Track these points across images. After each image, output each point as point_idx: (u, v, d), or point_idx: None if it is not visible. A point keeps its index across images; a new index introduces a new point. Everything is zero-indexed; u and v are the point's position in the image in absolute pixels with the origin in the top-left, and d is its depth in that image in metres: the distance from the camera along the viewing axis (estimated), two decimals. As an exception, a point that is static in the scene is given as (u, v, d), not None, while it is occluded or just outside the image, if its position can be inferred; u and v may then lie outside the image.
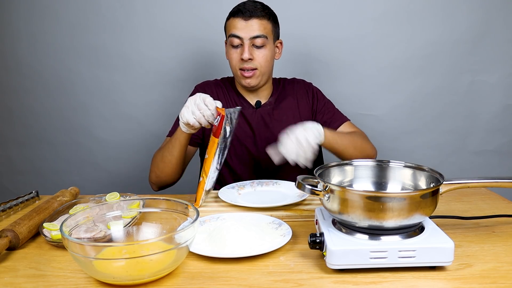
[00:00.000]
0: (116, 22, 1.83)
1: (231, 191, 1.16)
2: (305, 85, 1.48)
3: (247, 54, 1.27)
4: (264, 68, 1.33)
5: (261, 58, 1.31)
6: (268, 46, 1.32)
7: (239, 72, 1.32)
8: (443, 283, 0.70)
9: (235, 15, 1.29)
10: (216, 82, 1.46)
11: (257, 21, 1.28)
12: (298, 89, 1.46)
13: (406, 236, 0.75)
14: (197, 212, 0.76)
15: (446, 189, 0.80)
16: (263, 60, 1.31)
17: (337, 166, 0.91)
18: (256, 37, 1.28)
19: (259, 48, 1.30)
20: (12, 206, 1.10)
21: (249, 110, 1.40)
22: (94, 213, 0.84)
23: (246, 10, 1.28)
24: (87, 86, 1.89)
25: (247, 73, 1.31)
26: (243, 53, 1.28)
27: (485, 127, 1.91)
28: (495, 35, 1.82)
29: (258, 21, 1.28)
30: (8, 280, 0.74)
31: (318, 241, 0.74)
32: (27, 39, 1.85)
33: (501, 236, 0.88)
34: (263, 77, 1.35)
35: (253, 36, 1.28)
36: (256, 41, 1.28)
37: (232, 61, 1.32)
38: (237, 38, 1.28)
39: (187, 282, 0.71)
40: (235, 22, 1.29)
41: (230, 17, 1.32)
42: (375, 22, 1.81)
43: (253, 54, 1.29)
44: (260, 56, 1.31)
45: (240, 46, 1.30)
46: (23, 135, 1.95)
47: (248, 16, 1.27)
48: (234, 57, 1.31)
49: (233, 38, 1.29)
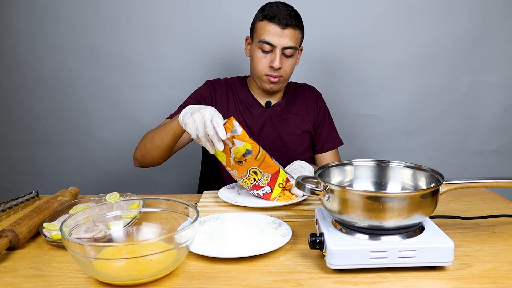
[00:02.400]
0: (116, 22, 1.83)
1: (231, 191, 1.16)
2: (315, 94, 1.49)
3: (278, 63, 1.26)
4: (288, 75, 1.34)
5: (287, 67, 1.31)
6: (295, 55, 1.32)
7: (265, 77, 1.31)
8: (443, 283, 0.70)
9: (271, 20, 1.25)
10: (227, 81, 1.45)
11: (291, 31, 1.26)
12: (309, 96, 1.47)
13: (406, 236, 0.75)
14: (197, 212, 0.76)
15: (446, 189, 0.80)
16: (289, 68, 1.32)
17: (337, 166, 0.91)
18: (288, 47, 1.27)
19: (288, 57, 1.29)
20: (12, 206, 1.10)
21: (258, 109, 1.40)
22: (94, 213, 0.84)
23: (283, 17, 1.24)
24: (87, 86, 1.89)
25: (273, 79, 1.30)
26: (274, 61, 1.27)
27: (486, 127, 1.91)
28: (495, 35, 1.82)
29: (293, 31, 1.26)
30: (8, 280, 0.74)
31: (318, 241, 0.74)
32: (27, 39, 1.85)
33: (501, 236, 0.88)
34: (285, 83, 1.37)
35: (286, 47, 1.26)
36: (287, 51, 1.27)
37: (259, 65, 1.30)
38: (269, 45, 1.26)
39: (187, 282, 0.71)
40: (270, 27, 1.25)
41: (263, 20, 1.27)
42: (375, 22, 1.81)
43: (282, 62, 1.28)
44: (287, 65, 1.30)
45: (270, 52, 1.28)
46: (23, 135, 1.95)
47: (285, 25, 1.24)
48: (262, 62, 1.29)
49: (265, 44, 1.26)
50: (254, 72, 1.34)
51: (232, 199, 1.07)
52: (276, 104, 1.41)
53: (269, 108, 1.40)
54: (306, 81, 1.90)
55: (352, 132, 1.89)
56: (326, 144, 1.47)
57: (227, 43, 1.84)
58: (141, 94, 1.90)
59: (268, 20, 1.25)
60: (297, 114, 1.43)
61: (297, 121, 1.42)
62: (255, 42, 1.31)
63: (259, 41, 1.27)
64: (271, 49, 1.27)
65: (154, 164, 1.28)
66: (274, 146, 1.40)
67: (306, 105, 1.45)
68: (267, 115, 1.40)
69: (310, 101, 1.46)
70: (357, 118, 1.90)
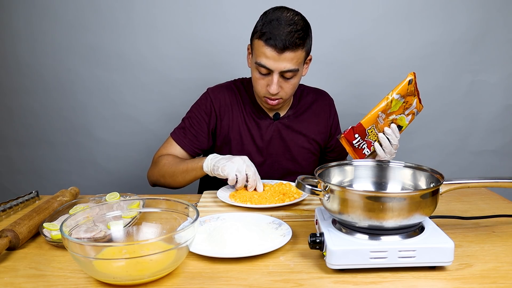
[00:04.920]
0: (115, 22, 1.83)
1: (231, 190, 1.16)
2: (327, 101, 1.42)
3: (275, 89, 1.18)
4: (289, 96, 1.25)
5: (288, 89, 1.22)
6: (297, 76, 1.22)
7: (263, 98, 1.25)
8: (443, 283, 0.70)
9: (267, 42, 1.13)
10: (229, 86, 1.37)
11: (290, 53, 1.14)
12: (321, 104, 1.40)
13: (406, 236, 0.75)
14: (197, 212, 0.76)
15: (446, 189, 0.80)
16: (290, 90, 1.23)
17: (337, 166, 0.91)
18: (287, 71, 1.17)
19: (288, 79, 1.20)
20: (12, 206, 1.10)
21: (266, 121, 1.34)
22: (94, 213, 0.84)
23: (280, 39, 1.12)
24: (86, 86, 1.89)
25: (272, 101, 1.24)
26: (271, 85, 1.18)
27: (486, 127, 1.91)
28: (495, 35, 1.82)
29: (292, 53, 1.14)
30: (8, 280, 0.74)
31: (318, 241, 0.74)
32: (27, 39, 1.85)
33: (501, 236, 0.88)
34: (287, 101, 1.32)
35: (284, 71, 1.17)
36: (287, 74, 1.18)
37: (257, 86, 1.23)
38: (266, 69, 1.17)
39: (187, 282, 0.71)
40: (265, 50, 1.14)
41: (260, 39, 1.15)
42: (375, 22, 1.81)
43: (281, 85, 1.20)
44: (287, 87, 1.21)
45: (268, 75, 1.19)
46: (23, 135, 1.95)
47: (282, 49, 1.12)
48: (260, 83, 1.21)
49: (261, 67, 1.17)
50: (254, 89, 1.28)
51: (229, 200, 1.08)
52: (285, 116, 1.35)
53: (278, 120, 1.34)
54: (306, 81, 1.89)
55: (352, 132, 1.90)
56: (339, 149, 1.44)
57: (227, 43, 1.84)
58: (141, 94, 1.90)
59: (264, 42, 1.14)
60: (308, 122, 1.37)
61: (308, 133, 1.36)
62: (253, 59, 1.21)
63: (255, 62, 1.18)
64: (268, 72, 1.18)
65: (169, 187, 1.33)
66: (282, 159, 1.36)
67: (318, 114, 1.38)
68: (275, 128, 1.34)
69: (322, 110, 1.39)
70: (357, 118, 1.87)
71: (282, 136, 1.35)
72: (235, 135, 1.34)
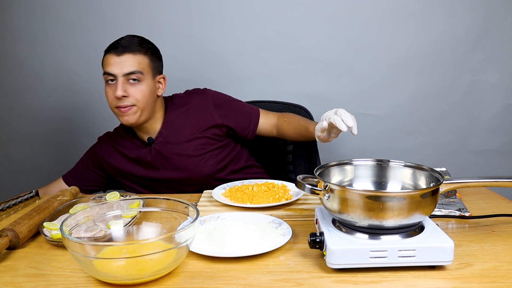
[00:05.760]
0: (116, 22, 1.82)
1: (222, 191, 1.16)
2: (198, 94, 1.40)
3: (121, 91, 1.21)
4: (142, 103, 1.25)
5: (137, 94, 1.24)
6: (145, 82, 1.25)
7: (116, 110, 1.26)
8: (443, 282, 0.70)
9: (108, 51, 1.24)
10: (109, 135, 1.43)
11: (130, 56, 1.22)
12: (190, 101, 1.38)
13: (406, 235, 0.75)
14: (197, 211, 0.76)
15: (446, 188, 0.80)
16: (140, 95, 1.24)
17: (337, 165, 0.91)
18: (130, 73, 1.22)
19: (134, 84, 1.23)
20: (12, 206, 1.10)
21: (143, 150, 1.34)
22: (94, 212, 0.84)
23: (119, 45, 1.23)
24: (87, 86, 1.89)
25: (123, 109, 1.24)
26: (115, 91, 1.21)
27: (486, 127, 1.91)
28: (496, 34, 1.82)
29: (132, 56, 1.22)
30: (8, 279, 0.74)
31: (318, 240, 0.74)
32: (28, 39, 1.85)
33: (501, 235, 0.88)
34: (142, 113, 1.27)
35: (127, 73, 1.21)
36: (132, 76, 1.22)
37: (108, 99, 1.26)
38: (110, 75, 1.22)
39: (187, 281, 0.71)
40: (108, 58, 1.23)
41: (104, 54, 1.26)
42: (375, 21, 1.81)
43: (127, 90, 1.22)
44: (137, 92, 1.24)
45: (114, 83, 1.23)
46: (23, 135, 1.95)
47: (121, 52, 1.22)
48: (109, 95, 1.24)
49: (106, 75, 1.23)
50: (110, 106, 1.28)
51: (225, 200, 1.08)
52: (158, 135, 1.34)
53: (153, 143, 1.33)
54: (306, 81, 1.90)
55: (352, 131, 1.90)
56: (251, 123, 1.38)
57: (227, 43, 1.84)
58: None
59: (106, 52, 1.25)
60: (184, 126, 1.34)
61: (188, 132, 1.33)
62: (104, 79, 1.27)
63: (103, 74, 1.25)
64: (114, 79, 1.22)
65: None
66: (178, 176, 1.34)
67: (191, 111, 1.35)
68: (153, 152, 1.33)
69: (194, 104, 1.36)
70: (357, 118, 1.87)
71: (164, 155, 1.33)
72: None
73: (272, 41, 1.83)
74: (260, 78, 1.86)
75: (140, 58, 1.24)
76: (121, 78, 1.22)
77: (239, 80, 1.87)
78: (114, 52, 1.22)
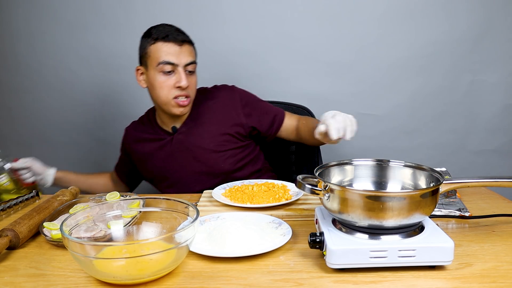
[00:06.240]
0: (115, 22, 1.83)
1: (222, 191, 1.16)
2: (227, 90, 1.39)
3: (185, 82, 1.21)
4: (193, 94, 1.29)
5: (193, 85, 1.27)
6: (195, 73, 1.28)
7: (173, 101, 1.24)
8: (443, 282, 0.70)
9: (165, 40, 1.21)
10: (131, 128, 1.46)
11: (188, 46, 1.24)
12: (218, 96, 1.37)
13: (406, 235, 0.75)
14: (197, 211, 0.76)
15: (446, 188, 0.80)
16: (194, 86, 1.28)
17: (337, 165, 0.91)
18: (189, 64, 1.23)
19: (191, 74, 1.25)
20: (12, 206, 1.10)
21: (165, 140, 1.35)
22: (94, 212, 0.84)
23: (176, 34, 1.22)
24: (86, 86, 1.89)
25: (183, 101, 1.24)
26: (180, 81, 1.21)
27: (486, 127, 1.91)
28: (496, 34, 1.82)
29: (189, 46, 1.24)
30: (8, 279, 0.74)
31: (318, 240, 0.75)
32: (27, 39, 1.85)
33: (501, 235, 0.88)
34: (191, 103, 1.31)
35: (187, 63, 1.23)
36: (190, 67, 1.24)
37: (163, 90, 1.23)
38: (170, 65, 1.21)
39: (187, 281, 0.71)
40: (166, 47, 1.21)
41: (156, 42, 1.22)
42: (376, 21, 1.81)
43: (188, 80, 1.23)
44: (193, 83, 1.27)
45: (172, 73, 1.22)
46: (23, 135, 1.95)
47: (182, 42, 1.22)
48: (167, 85, 1.23)
49: (165, 65, 1.21)
50: (159, 99, 1.27)
51: (225, 200, 1.08)
52: (182, 125, 1.34)
53: (176, 133, 1.34)
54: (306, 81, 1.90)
55: (352, 131, 1.90)
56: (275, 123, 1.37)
57: (227, 43, 1.84)
58: (141, 94, 1.90)
59: (162, 41, 1.21)
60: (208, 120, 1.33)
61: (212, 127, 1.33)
62: (152, 68, 1.24)
63: (158, 63, 1.21)
64: (173, 69, 1.22)
65: None
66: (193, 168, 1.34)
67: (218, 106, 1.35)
68: (176, 141, 1.33)
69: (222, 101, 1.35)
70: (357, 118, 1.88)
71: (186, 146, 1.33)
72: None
73: (273, 41, 1.83)
74: (261, 78, 1.86)
75: (193, 49, 1.27)
76: (181, 68, 1.22)
77: (240, 81, 1.86)
78: (174, 41, 1.21)
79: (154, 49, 1.22)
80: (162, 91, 1.24)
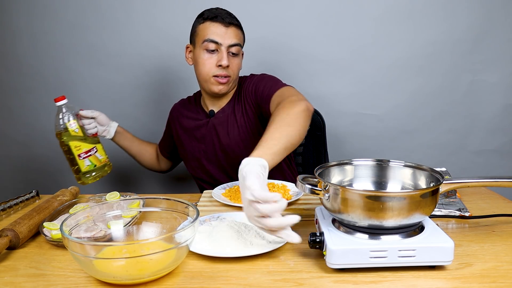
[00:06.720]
0: (116, 22, 1.83)
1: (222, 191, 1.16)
2: (247, 79, 1.37)
3: (226, 61, 1.25)
4: (236, 76, 1.32)
5: (235, 67, 1.30)
6: (239, 56, 1.32)
7: (213, 79, 1.29)
8: (443, 282, 0.70)
9: (213, 20, 1.26)
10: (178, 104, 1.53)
11: (235, 29, 1.28)
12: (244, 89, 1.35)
13: (406, 235, 0.75)
14: (197, 211, 0.76)
15: (446, 188, 0.80)
16: (236, 68, 1.31)
17: (337, 165, 0.91)
18: (233, 45, 1.27)
19: (234, 56, 1.29)
20: (12, 206, 1.10)
21: (201, 121, 1.40)
22: (94, 212, 0.84)
23: (224, 16, 1.26)
24: (87, 86, 1.89)
25: (222, 79, 1.28)
26: (221, 60, 1.25)
27: (486, 127, 1.91)
28: (496, 34, 1.82)
29: (235, 29, 1.28)
30: (8, 279, 0.74)
31: (318, 240, 0.75)
32: (28, 39, 1.85)
33: (501, 235, 0.88)
34: (232, 84, 1.34)
35: (231, 44, 1.27)
36: (233, 48, 1.27)
37: (205, 67, 1.28)
38: (214, 44, 1.26)
39: (187, 281, 0.71)
40: (213, 27, 1.26)
41: (205, 21, 1.27)
42: (375, 21, 1.81)
43: (229, 61, 1.27)
44: (235, 64, 1.30)
45: (215, 52, 1.27)
46: (24, 135, 1.95)
47: (228, 23, 1.26)
48: (209, 62, 1.27)
49: (210, 43, 1.25)
50: (200, 76, 1.31)
51: (225, 199, 1.08)
52: (220, 111, 1.37)
53: (212, 117, 1.37)
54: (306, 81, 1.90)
55: (352, 131, 1.89)
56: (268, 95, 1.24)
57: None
58: (141, 94, 1.90)
59: (210, 21, 1.26)
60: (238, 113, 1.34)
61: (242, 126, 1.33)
62: (198, 46, 1.29)
63: (204, 41, 1.26)
64: (217, 48, 1.26)
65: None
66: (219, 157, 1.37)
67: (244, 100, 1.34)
68: (210, 125, 1.37)
69: (245, 94, 1.34)
70: (357, 118, 1.90)
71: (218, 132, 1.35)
72: None
73: (273, 41, 1.83)
74: (260, 78, 1.86)
75: (240, 33, 1.31)
76: (225, 48, 1.26)
77: (239, 80, 1.87)
78: (221, 22, 1.26)
79: (202, 27, 1.28)
80: (204, 68, 1.28)
